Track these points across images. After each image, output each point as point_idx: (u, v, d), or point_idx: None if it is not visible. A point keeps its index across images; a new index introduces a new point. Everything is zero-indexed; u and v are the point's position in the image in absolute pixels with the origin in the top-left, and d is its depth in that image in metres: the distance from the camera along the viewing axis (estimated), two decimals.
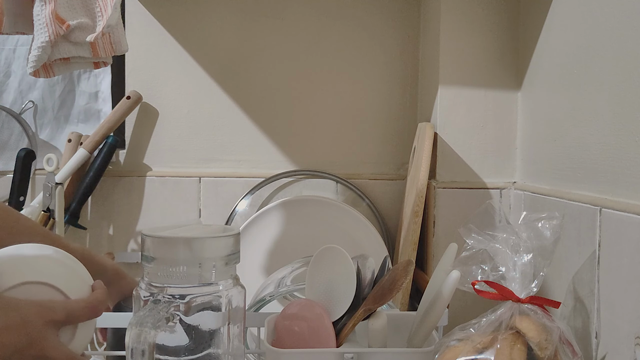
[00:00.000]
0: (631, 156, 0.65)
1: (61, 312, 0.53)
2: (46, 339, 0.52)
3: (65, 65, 0.85)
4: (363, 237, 1.03)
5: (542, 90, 0.90)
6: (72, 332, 0.55)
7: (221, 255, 0.55)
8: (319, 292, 0.67)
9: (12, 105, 1.17)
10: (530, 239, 0.66)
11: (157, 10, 1.16)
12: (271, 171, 1.16)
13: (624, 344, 0.63)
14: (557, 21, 0.85)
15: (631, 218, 0.63)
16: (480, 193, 0.99)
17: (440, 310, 0.65)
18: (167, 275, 0.54)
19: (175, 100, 1.17)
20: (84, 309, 0.54)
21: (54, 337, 0.53)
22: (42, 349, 0.51)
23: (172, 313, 0.53)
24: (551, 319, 0.65)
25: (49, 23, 0.75)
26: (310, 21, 1.16)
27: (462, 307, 0.94)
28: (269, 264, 1.03)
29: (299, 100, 1.17)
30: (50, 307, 0.53)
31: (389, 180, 1.16)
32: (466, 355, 0.63)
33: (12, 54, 1.16)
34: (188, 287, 0.54)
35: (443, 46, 0.99)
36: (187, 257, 0.54)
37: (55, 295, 0.54)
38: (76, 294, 0.55)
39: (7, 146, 1.17)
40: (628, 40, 0.66)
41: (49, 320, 0.52)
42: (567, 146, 0.81)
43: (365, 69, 1.17)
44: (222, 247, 0.56)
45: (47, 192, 1.04)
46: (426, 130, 0.97)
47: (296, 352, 0.63)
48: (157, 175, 1.16)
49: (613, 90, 0.69)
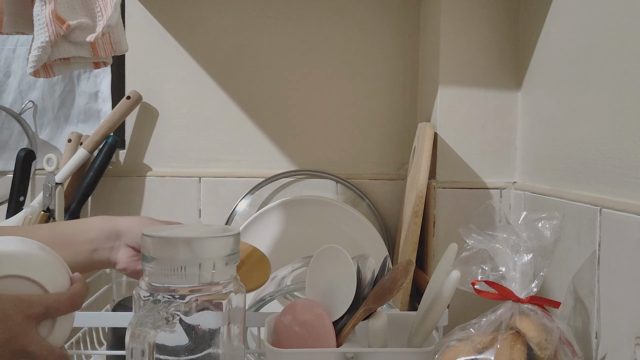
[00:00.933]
0: (631, 156, 0.65)
1: (40, 306, 0.53)
2: (26, 333, 0.52)
3: (65, 65, 0.85)
4: (363, 237, 1.03)
5: (542, 90, 0.90)
6: (52, 326, 0.54)
7: (221, 255, 0.55)
8: (319, 292, 0.67)
9: (12, 105, 1.17)
10: (530, 239, 0.66)
11: (157, 10, 1.16)
12: (271, 171, 1.16)
13: (624, 344, 0.63)
14: (557, 21, 0.85)
15: (631, 218, 0.63)
16: (480, 193, 0.99)
17: (440, 310, 0.65)
18: (167, 275, 0.54)
19: (175, 100, 1.17)
20: (63, 303, 0.54)
21: (34, 332, 0.52)
22: (23, 343, 0.51)
23: (172, 313, 0.53)
24: (551, 319, 0.65)
25: (49, 23, 0.75)
26: (310, 21, 1.16)
27: (462, 307, 0.94)
28: None
29: (299, 100, 1.17)
30: (29, 301, 0.52)
31: (389, 180, 1.17)
32: (466, 355, 0.63)
33: (12, 54, 1.16)
34: (188, 287, 0.54)
35: (443, 46, 0.99)
36: (187, 257, 0.54)
37: (34, 288, 0.54)
38: (55, 287, 0.55)
39: (7, 146, 1.17)
40: (628, 40, 0.66)
41: (28, 315, 0.52)
42: (567, 146, 0.81)
43: (366, 69, 1.17)
44: (222, 247, 0.56)
45: (47, 192, 1.04)
46: (426, 130, 0.97)
47: (296, 352, 0.63)
48: (157, 175, 1.16)
49: (613, 90, 0.69)
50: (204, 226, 0.62)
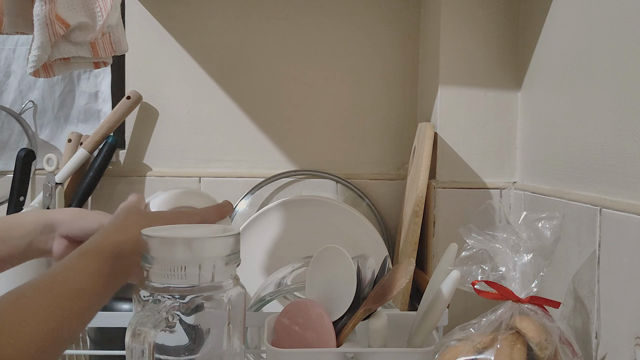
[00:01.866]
0: (631, 156, 0.65)
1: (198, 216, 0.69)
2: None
3: (65, 65, 0.85)
4: (363, 237, 1.03)
5: (542, 90, 0.90)
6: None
7: (221, 255, 0.55)
8: (319, 292, 0.67)
9: (12, 105, 1.17)
10: (530, 239, 0.66)
11: (157, 10, 1.16)
12: (271, 171, 1.16)
13: (624, 344, 0.63)
14: (557, 21, 0.85)
15: (631, 218, 0.63)
16: (480, 193, 0.99)
17: (440, 310, 0.65)
18: (167, 275, 0.54)
19: (175, 100, 1.17)
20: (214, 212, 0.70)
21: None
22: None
23: (172, 313, 0.53)
24: (551, 319, 0.65)
25: (49, 23, 0.75)
26: (310, 21, 1.16)
27: (462, 307, 0.94)
28: (269, 264, 1.03)
29: (299, 100, 1.17)
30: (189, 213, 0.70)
31: (389, 180, 1.17)
32: (466, 355, 0.63)
33: (12, 54, 1.16)
34: (188, 287, 0.54)
35: (443, 46, 0.99)
36: (187, 257, 0.54)
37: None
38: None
39: (7, 146, 1.17)
40: (628, 40, 0.66)
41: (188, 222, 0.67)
42: (567, 146, 0.81)
43: (365, 69, 1.17)
44: (222, 247, 0.56)
45: (47, 192, 1.04)
46: (426, 130, 0.97)
47: (296, 352, 0.63)
48: (157, 175, 1.16)
49: (613, 90, 0.69)
50: (204, 226, 0.62)
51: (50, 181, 1.04)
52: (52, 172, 1.05)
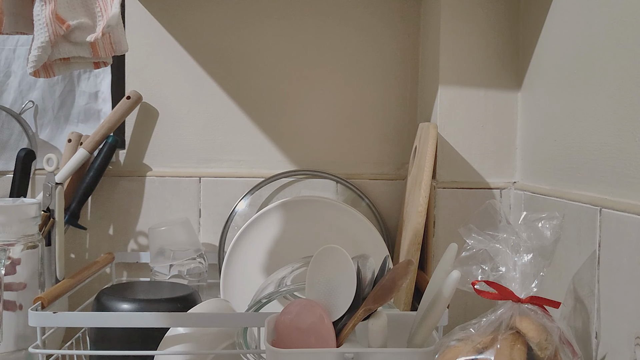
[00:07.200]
0: (631, 156, 0.65)
1: None
2: None
3: (65, 66, 0.85)
4: (363, 237, 1.03)
5: (542, 90, 0.90)
6: None
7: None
8: (319, 292, 0.67)
9: (12, 105, 1.17)
10: (531, 239, 0.66)
11: (157, 10, 1.16)
12: (271, 171, 1.16)
13: (624, 344, 0.63)
14: (557, 21, 0.85)
15: (631, 218, 0.63)
16: (480, 193, 0.99)
17: (440, 310, 0.65)
18: None
19: (175, 100, 1.17)
20: None
21: None
22: None
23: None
24: (551, 319, 0.65)
25: (49, 23, 0.75)
26: (309, 21, 1.16)
27: (462, 307, 0.94)
28: (269, 264, 1.03)
29: (299, 100, 1.17)
30: None
31: (389, 180, 1.17)
32: (466, 355, 0.63)
33: (12, 54, 1.16)
34: None
35: (443, 46, 0.99)
36: None
37: None
38: None
39: (7, 146, 1.17)
40: (628, 40, 0.66)
41: None
42: (567, 146, 0.81)
43: (365, 69, 1.17)
44: None
45: (47, 192, 1.04)
46: (429, 130, 0.96)
47: (296, 352, 0.63)
48: (157, 175, 1.16)
49: (613, 90, 0.69)
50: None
51: (50, 181, 1.04)
52: (52, 172, 1.05)
